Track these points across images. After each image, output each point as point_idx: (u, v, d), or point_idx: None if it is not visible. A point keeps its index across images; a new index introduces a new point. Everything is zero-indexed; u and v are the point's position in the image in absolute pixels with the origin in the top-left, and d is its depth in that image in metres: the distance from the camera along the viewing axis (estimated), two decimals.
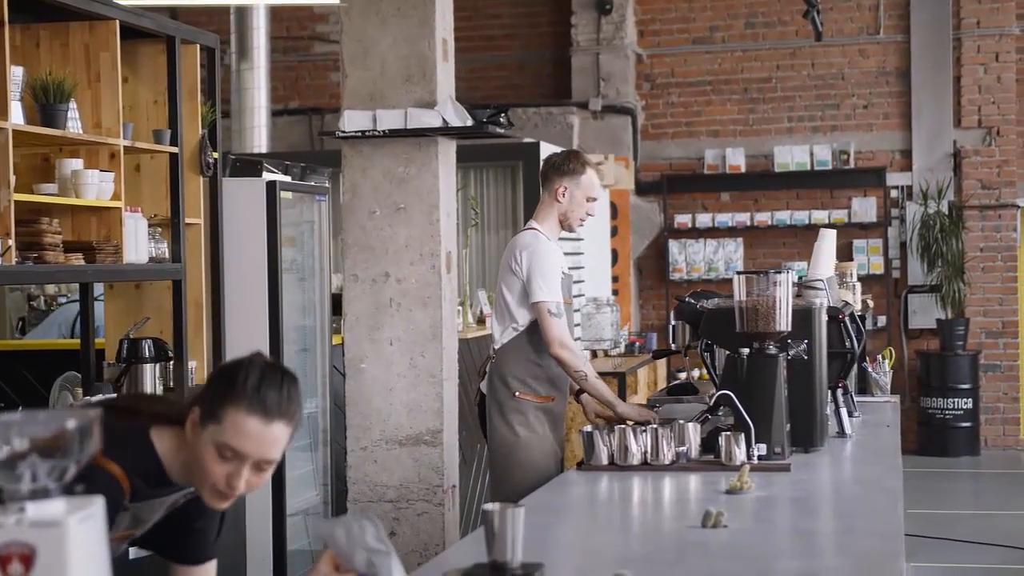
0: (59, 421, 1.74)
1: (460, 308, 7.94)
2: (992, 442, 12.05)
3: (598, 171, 5.17)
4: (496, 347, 5.12)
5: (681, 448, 4.13)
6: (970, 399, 11.75)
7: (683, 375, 10.30)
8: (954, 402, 11.72)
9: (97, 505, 1.77)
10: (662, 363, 10.64)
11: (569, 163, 5.10)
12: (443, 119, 5.26)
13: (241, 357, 2.60)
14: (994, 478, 11.14)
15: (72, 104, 4.83)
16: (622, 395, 8.61)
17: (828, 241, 5.44)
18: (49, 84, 4.71)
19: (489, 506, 2.63)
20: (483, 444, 7.67)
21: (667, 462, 4.09)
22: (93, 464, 2.44)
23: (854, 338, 4.86)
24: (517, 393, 5.01)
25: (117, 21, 5.09)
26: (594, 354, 9.86)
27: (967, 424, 11.77)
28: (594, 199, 5.11)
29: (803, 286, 5.00)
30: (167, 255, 5.47)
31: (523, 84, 13.01)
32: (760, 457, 4.10)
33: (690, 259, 12.43)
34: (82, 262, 4.89)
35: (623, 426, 4.18)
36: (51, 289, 8.16)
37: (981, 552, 8.14)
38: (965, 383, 11.75)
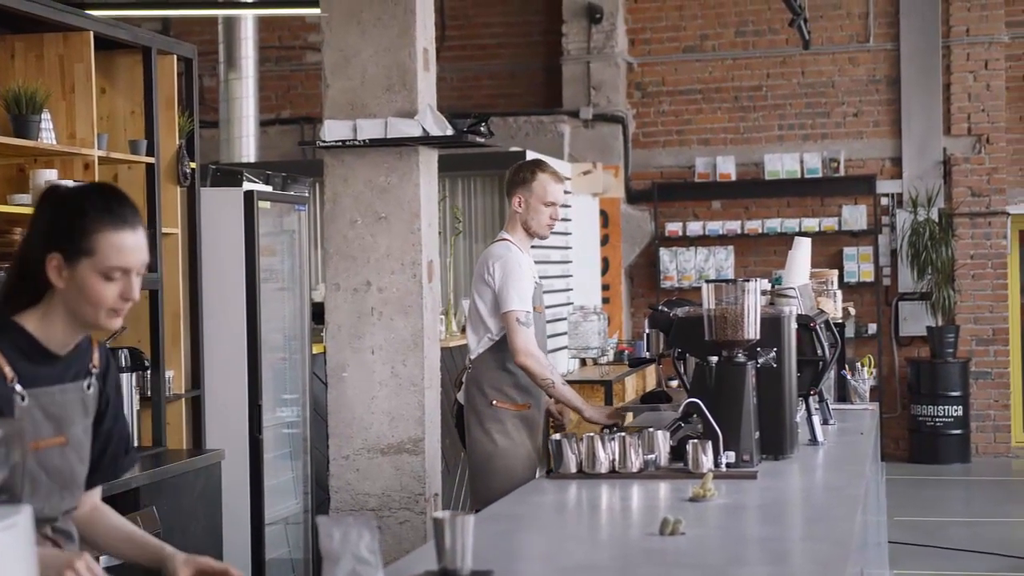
0: None
1: (443, 317, 7.96)
2: (983, 449, 12.05)
3: (554, 175, 5.21)
4: (472, 357, 5.19)
5: (650, 456, 4.14)
6: (960, 406, 11.75)
7: (675, 383, 10.29)
8: (944, 409, 11.72)
9: (23, 514, 1.78)
10: (651, 371, 10.64)
11: (519, 173, 5.21)
12: (423, 128, 5.27)
13: (60, 191, 2.65)
14: (984, 485, 11.13)
15: (45, 115, 4.85)
16: (608, 403, 8.62)
17: (802, 250, 5.45)
18: (22, 95, 4.73)
19: (439, 514, 2.66)
20: (465, 452, 7.70)
21: (635, 470, 4.09)
22: None
23: (826, 346, 4.86)
24: (494, 402, 5.08)
25: (91, 32, 5.11)
26: (582, 362, 9.88)
27: (958, 431, 11.77)
28: (552, 203, 5.17)
29: (775, 294, 5.01)
30: None
31: (514, 93, 13.03)
32: (728, 465, 4.11)
33: (681, 267, 12.44)
34: None
35: (591, 434, 4.19)
36: None
37: (969, 559, 8.14)
38: (955, 390, 11.75)
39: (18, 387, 2.56)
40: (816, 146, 12.37)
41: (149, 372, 5.49)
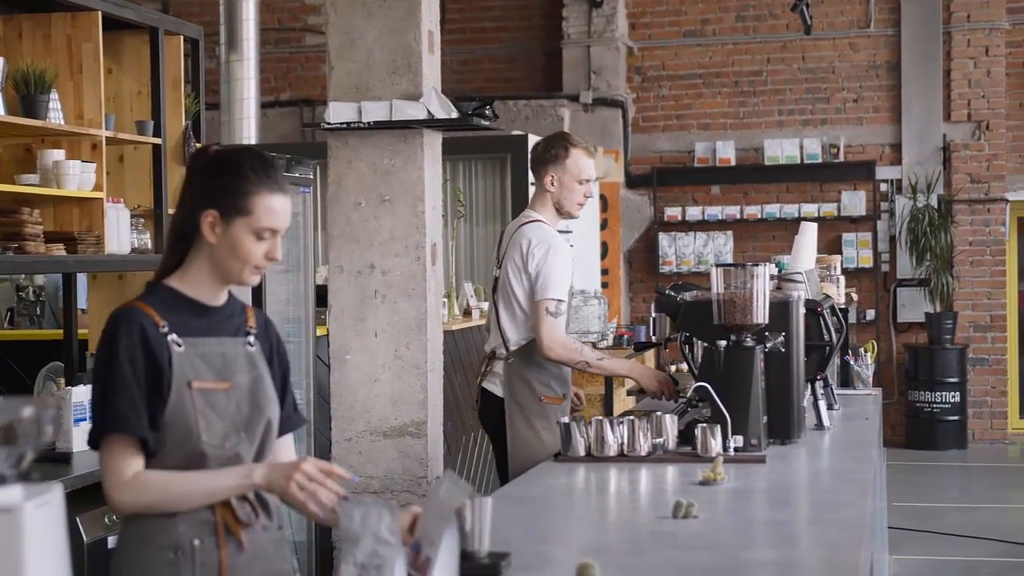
0: (14, 409, 1.75)
1: (446, 300, 7.96)
2: (979, 436, 12.09)
3: (586, 150, 5.03)
4: (511, 348, 4.98)
5: (658, 440, 4.15)
6: (958, 393, 11.78)
7: (673, 368, 10.30)
8: (942, 395, 11.75)
9: (55, 492, 1.79)
10: (652, 355, 10.66)
11: (551, 149, 5.00)
12: (428, 111, 5.26)
13: (214, 153, 2.80)
14: (981, 471, 11.17)
15: (53, 95, 4.84)
16: (609, 388, 8.61)
17: (809, 235, 5.46)
18: (30, 75, 4.72)
19: None
20: (467, 436, 7.70)
21: (643, 454, 4.10)
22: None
23: (833, 331, 4.87)
24: (543, 398, 4.95)
25: (99, 12, 5.09)
26: None
27: (955, 418, 11.80)
28: (586, 180, 4.99)
29: (782, 279, 5.02)
30: (150, 246, 5.48)
31: (514, 76, 13.02)
32: (736, 449, 4.12)
33: (680, 252, 12.45)
34: (63, 252, 4.90)
35: (599, 417, 4.19)
36: (40, 279, 8.16)
37: (966, 544, 8.18)
38: (953, 377, 11.78)
39: (172, 335, 2.71)
40: (816, 132, 12.38)
41: None
